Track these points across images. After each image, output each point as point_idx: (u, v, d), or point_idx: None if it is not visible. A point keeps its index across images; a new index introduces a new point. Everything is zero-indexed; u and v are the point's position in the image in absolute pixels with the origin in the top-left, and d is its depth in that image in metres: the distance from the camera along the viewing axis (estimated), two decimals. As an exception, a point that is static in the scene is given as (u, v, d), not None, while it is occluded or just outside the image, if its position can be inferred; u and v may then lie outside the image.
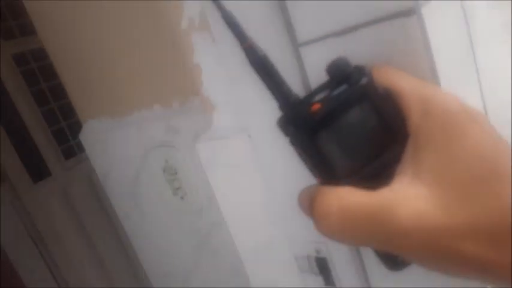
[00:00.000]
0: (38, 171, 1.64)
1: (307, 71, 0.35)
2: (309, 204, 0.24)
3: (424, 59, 0.30)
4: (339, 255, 0.40)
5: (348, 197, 0.23)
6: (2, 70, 1.55)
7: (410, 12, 0.29)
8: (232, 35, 0.25)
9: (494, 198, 0.20)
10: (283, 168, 0.40)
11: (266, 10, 0.35)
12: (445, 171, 0.22)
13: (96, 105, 0.81)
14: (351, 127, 0.25)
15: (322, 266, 0.42)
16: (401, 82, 0.25)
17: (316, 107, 0.24)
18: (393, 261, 0.27)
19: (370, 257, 0.38)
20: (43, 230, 1.58)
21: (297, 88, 0.37)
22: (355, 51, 0.32)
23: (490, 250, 0.20)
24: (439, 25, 0.32)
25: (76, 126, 0.87)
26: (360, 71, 0.25)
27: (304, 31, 0.34)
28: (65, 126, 1.72)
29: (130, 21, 0.62)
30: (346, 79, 0.24)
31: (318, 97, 0.25)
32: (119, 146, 0.79)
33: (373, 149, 0.25)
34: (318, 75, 0.27)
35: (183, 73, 0.47)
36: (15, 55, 1.62)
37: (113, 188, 0.86)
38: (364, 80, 0.24)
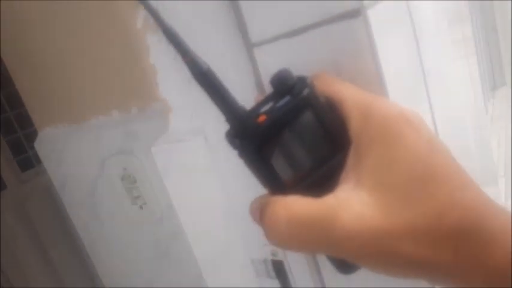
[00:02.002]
0: (-9, 184, 1.55)
1: (261, 72, 0.35)
2: (259, 215, 0.25)
3: (370, 60, 0.31)
4: (295, 258, 0.40)
5: (295, 206, 0.23)
6: (-47, 77, 1.47)
7: (355, 14, 0.30)
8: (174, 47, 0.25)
9: (429, 199, 0.21)
10: (240, 171, 0.40)
11: (219, 10, 0.35)
12: (384, 175, 0.22)
13: (53, 112, 0.78)
14: (295, 137, 0.25)
15: (279, 269, 0.41)
16: (341, 90, 0.26)
17: (262, 118, 0.25)
18: (344, 264, 0.28)
19: (325, 259, 0.38)
20: (-4, 246, 1.49)
21: (250, 89, 0.37)
22: (305, 52, 0.32)
23: (428, 250, 0.21)
24: (386, 27, 0.33)
25: (33, 136, 0.83)
26: (302, 82, 0.25)
27: (257, 32, 0.34)
28: (22, 136, 1.65)
29: (85, 23, 0.60)
30: (289, 91, 0.25)
31: (263, 109, 0.26)
32: (76, 154, 0.76)
33: (318, 158, 0.26)
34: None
35: (141, 77, 0.47)
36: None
37: (70, 197, 0.83)
38: (306, 91, 0.25)
